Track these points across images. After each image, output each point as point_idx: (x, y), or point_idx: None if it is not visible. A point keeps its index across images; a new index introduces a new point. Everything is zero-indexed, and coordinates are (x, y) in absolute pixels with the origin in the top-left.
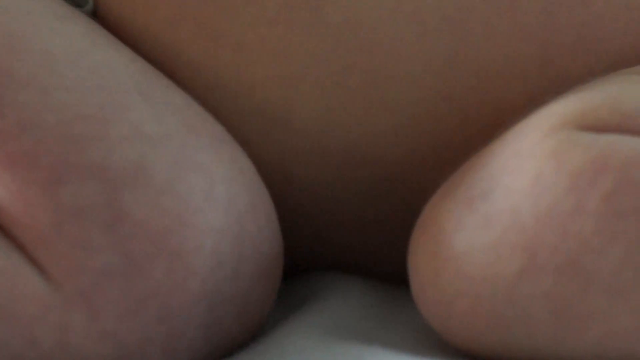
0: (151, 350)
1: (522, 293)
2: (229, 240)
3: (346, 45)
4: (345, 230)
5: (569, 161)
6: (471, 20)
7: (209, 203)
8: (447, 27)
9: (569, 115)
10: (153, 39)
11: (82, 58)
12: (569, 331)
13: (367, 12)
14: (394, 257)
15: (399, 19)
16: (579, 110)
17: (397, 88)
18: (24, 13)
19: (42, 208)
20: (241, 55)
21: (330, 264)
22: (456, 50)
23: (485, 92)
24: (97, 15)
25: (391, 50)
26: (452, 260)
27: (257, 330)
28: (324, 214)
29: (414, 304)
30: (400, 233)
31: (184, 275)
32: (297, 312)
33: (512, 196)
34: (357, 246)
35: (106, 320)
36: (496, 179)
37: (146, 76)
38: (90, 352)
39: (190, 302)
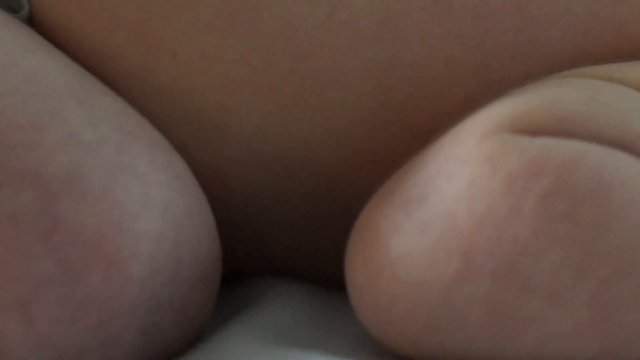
0: (89, 357)
1: (458, 298)
2: (166, 246)
3: (282, 52)
4: (284, 236)
5: (504, 165)
6: (406, 26)
7: (146, 209)
8: (382, 33)
9: (504, 118)
10: (89, 45)
11: (16, 65)
12: (506, 335)
13: (302, 19)
14: (334, 262)
15: (334, 26)
16: (514, 113)
17: (333, 94)
18: None
19: None
20: (177, 62)
21: (270, 269)
22: (392, 56)
23: (422, 96)
24: (32, 21)
25: (327, 56)
26: (388, 265)
27: (196, 336)
28: (262, 219)
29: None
30: (339, 238)
31: (121, 282)
32: (236, 317)
33: (448, 200)
34: (297, 251)
35: (43, 328)
36: (432, 184)
37: (82, 82)
38: None
39: (127, 308)
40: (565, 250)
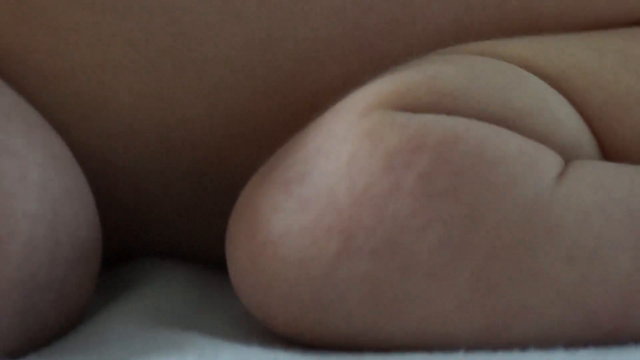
0: None
1: (339, 276)
2: (43, 225)
3: (161, 29)
4: (167, 216)
5: (384, 141)
6: (288, 2)
7: (23, 188)
8: (263, 10)
9: (385, 95)
10: None
11: None
12: (388, 314)
13: None
14: (217, 242)
15: (213, 2)
16: (395, 90)
17: (213, 71)
18: None
19: None
20: (57, 41)
21: (154, 250)
22: (272, 33)
23: (303, 74)
24: None
25: (206, 33)
26: (268, 245)
27: (76, 318)
28: (145, 200)
29: None
30: (221, 218)
31: None
32: (118, 299)
33: (328, 178)
34: (180, 231)
35: None
36: (312, 162)
37: None
38: None
39: (5, 289)
40: (446, 228)
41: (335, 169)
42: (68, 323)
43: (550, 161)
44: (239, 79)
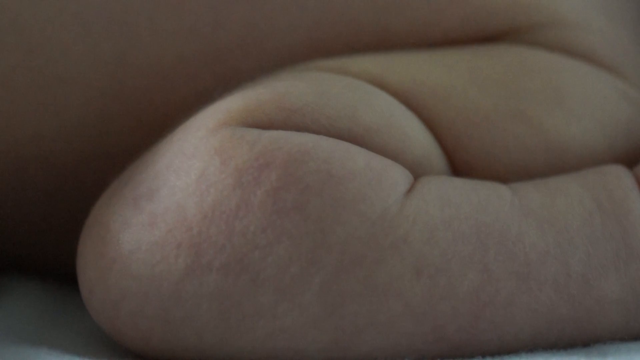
0: None
1: (188, 292)
2: None
3: (11, 45)
4: (21, 232)
5: (234, 158)
6: (138, 20)
7: None
8: (114, 28)
9: (235, 111)
10: None
11: None
12: (236, 330)
13: (32, 13)
14: (72, 258)
15: (64, 20)
16: (244, 106)
17: (64, 89)
18: None
19: None
20: None
21: (9, 265)
22: (123, 51)
23: (155, 91)
24: None
25: (57, 50)
26: (118, 260)
27: None
28: None
29: None
30: (75, 234)
31: None
32: None
33: (178, 195)
34: (35, 247)
35: None
36: (162, 178)
37: None
38: None
39: None
40: (294, 243)
41: (185, 186)
42: None
43: (399, 177)
44: (90, 96)
